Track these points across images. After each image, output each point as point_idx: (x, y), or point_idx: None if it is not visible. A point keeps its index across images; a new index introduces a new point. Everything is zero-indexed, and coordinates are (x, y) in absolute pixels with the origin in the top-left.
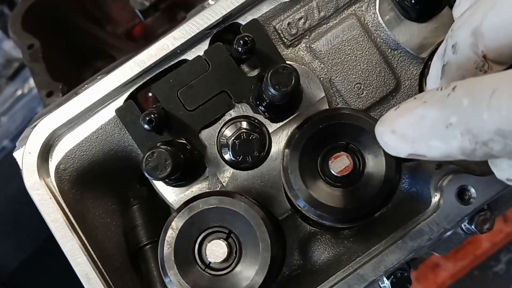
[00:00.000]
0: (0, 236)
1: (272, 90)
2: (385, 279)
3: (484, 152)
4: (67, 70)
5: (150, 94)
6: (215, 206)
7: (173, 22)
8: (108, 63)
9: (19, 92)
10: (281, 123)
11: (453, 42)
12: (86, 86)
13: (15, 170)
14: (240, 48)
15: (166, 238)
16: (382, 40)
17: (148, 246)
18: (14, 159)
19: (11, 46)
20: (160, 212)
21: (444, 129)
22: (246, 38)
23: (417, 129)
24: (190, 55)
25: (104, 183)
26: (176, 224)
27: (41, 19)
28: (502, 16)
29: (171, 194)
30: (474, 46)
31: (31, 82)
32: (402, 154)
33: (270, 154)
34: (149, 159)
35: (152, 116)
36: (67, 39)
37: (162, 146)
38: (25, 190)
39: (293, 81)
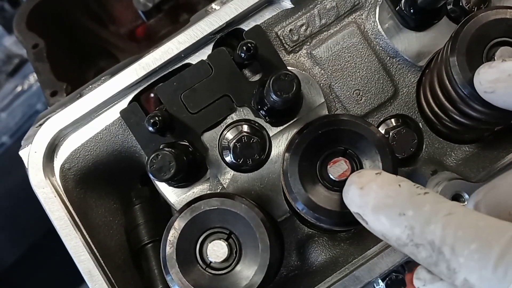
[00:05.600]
0: None
1: (273, 96)
2: (380, 281)
3: (411, 251)
4: (71, 70)
5: (151, 95)
6: (216, 207)
7: (175, 23)
8: (111, 63)
9: (19, 89)
10: (281, 127)
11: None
12: (90, 87)
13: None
14: (243, 54)
15: (169, 238)
16: (381, 48)
17: (149, 245)
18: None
19: (12, 42)
20: (161, 212)
21: (396, 215)
22: (249, 44)
23: (378, 199)
24: (194, 59)
25: (107, 183)
26: (179, 224)
27: (46, 19)
28: (496, 197)
29: (173, 195)
30: None
31: (31, 78)
32: (352, 208)
33: (270, 157)
34: (154, 161)
35: (157, 118)
36: (70, 38)
37: (166, 148)
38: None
39: (295, 88)
